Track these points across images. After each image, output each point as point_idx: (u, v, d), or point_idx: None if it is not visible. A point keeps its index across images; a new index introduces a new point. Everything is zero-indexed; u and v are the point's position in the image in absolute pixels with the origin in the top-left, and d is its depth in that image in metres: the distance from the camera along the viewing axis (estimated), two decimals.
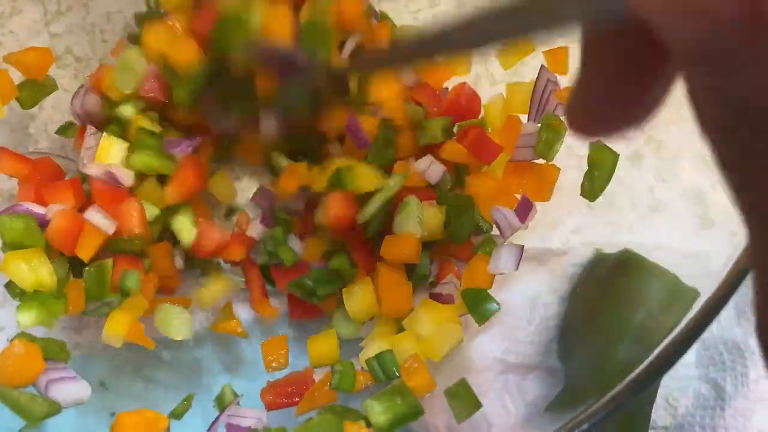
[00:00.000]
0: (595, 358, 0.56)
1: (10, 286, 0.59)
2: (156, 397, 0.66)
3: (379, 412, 0.53)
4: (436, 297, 0.58)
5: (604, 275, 0.58)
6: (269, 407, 0.60)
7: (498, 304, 0.55)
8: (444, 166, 0.61)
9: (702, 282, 0.49)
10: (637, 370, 0.47)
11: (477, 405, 0.54)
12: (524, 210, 0.58)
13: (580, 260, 0.59)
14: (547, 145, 0.57)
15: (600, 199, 0.57)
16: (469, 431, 0.57)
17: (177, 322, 0.60)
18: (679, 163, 0.60)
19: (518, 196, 0.59)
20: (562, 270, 0.58)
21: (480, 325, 0.57)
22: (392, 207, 0.59)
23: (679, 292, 0.53)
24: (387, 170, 0.62)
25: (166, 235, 0.65)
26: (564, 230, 0.59)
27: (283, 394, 0.60)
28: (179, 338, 0.60)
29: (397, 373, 0.56)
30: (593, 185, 0.57)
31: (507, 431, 0.57)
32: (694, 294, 0.49)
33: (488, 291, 0.57)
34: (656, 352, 0.47)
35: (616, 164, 0.57)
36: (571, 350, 0.59)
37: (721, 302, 0.47)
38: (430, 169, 0.61)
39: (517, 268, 0.55)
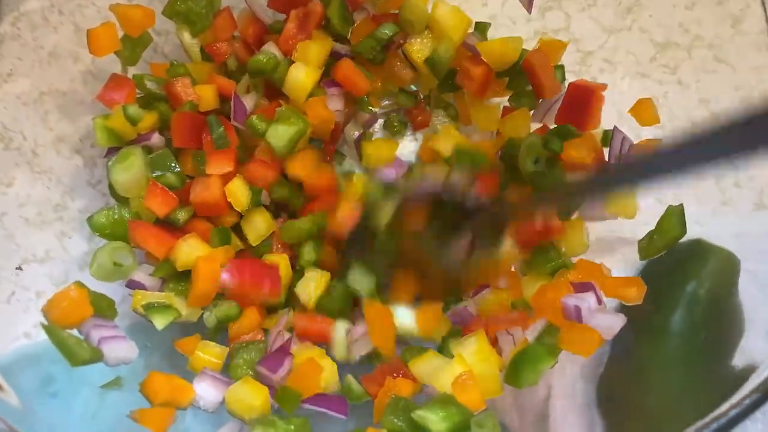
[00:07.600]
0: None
1: None
2: None
3: (436, 420, 0.51)
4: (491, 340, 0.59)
5: (671, 260, 0.61)
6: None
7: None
8: None
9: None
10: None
11: None
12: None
13: None
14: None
15: (670, 195, 0.61)
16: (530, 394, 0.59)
17: None
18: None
19: None
20: (634, 258, 0.61)
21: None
22: None
23: (730, 266, 0.58)
24: None
25: None
26: (635, 222, 0.62)
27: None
28: None
29: None
30: (648, 248, 0.60)
31: (563, 390, 0.59)
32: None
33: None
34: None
35: (678, 240, 0.59)
36: None
37: None
38: None
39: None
